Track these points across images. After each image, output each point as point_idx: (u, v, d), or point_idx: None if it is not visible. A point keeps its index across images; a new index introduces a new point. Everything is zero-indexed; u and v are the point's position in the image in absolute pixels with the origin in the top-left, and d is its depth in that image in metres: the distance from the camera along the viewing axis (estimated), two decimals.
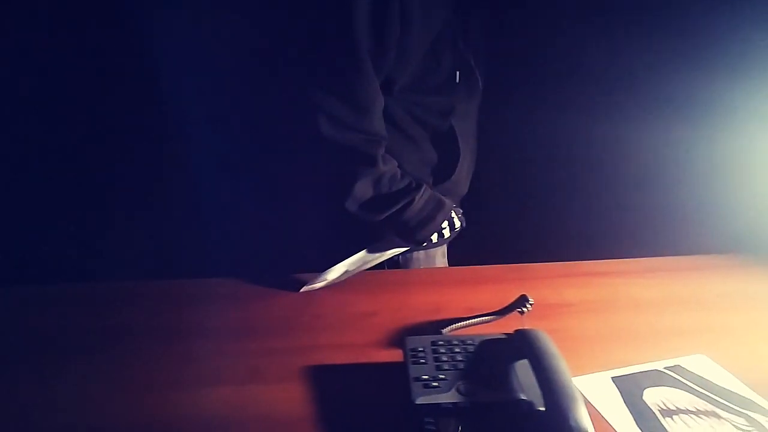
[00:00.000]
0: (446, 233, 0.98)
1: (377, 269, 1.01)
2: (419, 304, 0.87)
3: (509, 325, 0.79)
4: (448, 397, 0.60)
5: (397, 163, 0.99)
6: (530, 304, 0.79)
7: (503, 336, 0.70)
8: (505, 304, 0.82)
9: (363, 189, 0.95)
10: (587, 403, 0.65)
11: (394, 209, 0.95)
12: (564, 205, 1.37)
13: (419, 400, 0.59)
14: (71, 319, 0.84)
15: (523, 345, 0.65)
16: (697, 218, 1.26)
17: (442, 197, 1.00)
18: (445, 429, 0.57)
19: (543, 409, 0.57)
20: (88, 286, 0.95)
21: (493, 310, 0.82)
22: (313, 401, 0.65)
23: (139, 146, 1.40)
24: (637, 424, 0.62)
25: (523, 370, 0.63)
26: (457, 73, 1.02)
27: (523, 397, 0.60)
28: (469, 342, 0.69)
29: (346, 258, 0.94)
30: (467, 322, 0.79)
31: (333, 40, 0.91)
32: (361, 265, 0.96)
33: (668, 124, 1.21)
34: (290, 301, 0.89)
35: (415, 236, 0.97)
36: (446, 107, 1.03)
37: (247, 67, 1.32)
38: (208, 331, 0.82)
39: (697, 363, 0.73)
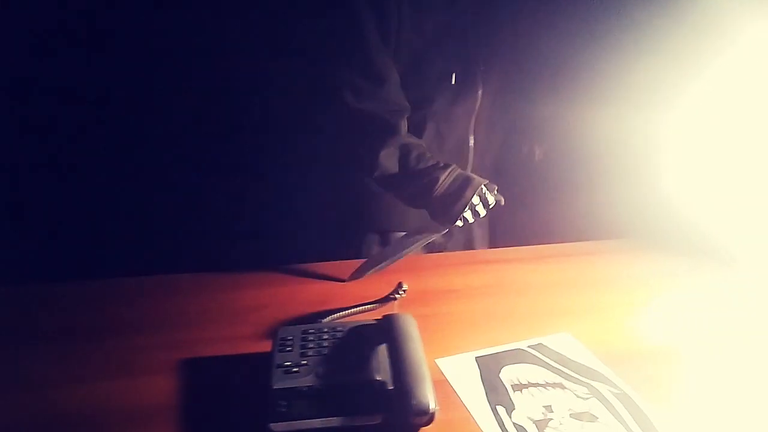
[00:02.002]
0: (480, 210, 0.98)
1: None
2: (308, 297, 0.89)
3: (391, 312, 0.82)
4: (305, 381, 0.62)
5: (424, 144, 1.05)
6: (404, 291, 0.82)
7: (374, 322, 0.74)
8: None
9: (388, 160, 1.00)
10: (445, 382, 0.69)
11: (420, 183, 0.98)
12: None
13: (276, 385, 0.62)
14: None
15: (387, 329, 0.68)
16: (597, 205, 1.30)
17: (471, 174, 1.00)
18: (298, 411, 0.60)
19: (392, 388, 0.61)
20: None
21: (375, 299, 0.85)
22: (181, 392, 0.67)
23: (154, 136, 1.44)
24: (487, 398, 0.66)
25: (384, 353, 0.66)
26: (453, 74, 1.07)
27: (377, 378, 0.63)
28: (339, 329, 0.72)
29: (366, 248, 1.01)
30: (346, 312, 0.81)
31: (336, 13, 1.02)
32: (402, 251, 0.97)
33: (569, 112, 1.23)
34: (181, 296, 0.90)
35: (448, 213, 0.97)
36: (422, 99, 1.07)
37: (263, 54, 1.37)
38: (92, 331, 0.81)
39: (559, 341, 0.78)
